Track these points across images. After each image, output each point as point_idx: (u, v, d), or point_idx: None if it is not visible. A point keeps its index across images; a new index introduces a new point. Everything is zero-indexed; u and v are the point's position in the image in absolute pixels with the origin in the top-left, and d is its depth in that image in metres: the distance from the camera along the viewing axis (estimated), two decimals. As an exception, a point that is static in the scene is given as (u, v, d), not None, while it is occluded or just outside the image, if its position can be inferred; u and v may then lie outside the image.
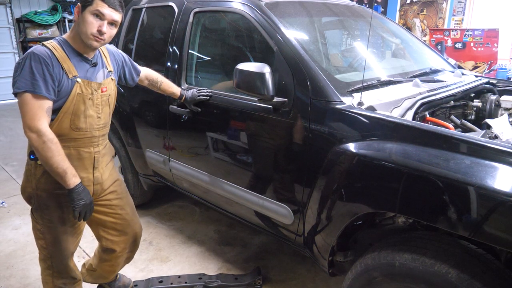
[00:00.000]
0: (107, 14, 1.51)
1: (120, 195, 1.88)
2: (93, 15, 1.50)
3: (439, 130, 1.41)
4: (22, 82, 1.44)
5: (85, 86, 1.58)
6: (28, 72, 1.44)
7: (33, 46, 1.51)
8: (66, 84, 1.52)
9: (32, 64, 1.45)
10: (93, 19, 1.50)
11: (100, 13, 1.50)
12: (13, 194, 3.57)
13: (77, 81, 1.55)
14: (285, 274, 2.41)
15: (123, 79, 1.91)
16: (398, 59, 2.63)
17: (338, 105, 1.64)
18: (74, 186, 1.54)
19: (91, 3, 1.50)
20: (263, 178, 1.99)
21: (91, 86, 1.60)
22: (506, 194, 1.12)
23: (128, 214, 1.92)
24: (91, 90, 1.60)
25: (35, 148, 1.48)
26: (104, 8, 1.50)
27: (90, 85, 1.60)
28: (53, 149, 1.47)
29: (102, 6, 1.50)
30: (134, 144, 2.79)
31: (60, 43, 1.55)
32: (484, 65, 5.20)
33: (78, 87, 1.55)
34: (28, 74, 1.44)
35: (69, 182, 1.52)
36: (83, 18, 1.51)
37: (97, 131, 1.67)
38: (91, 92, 1.60)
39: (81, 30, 1.52)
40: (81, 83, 1.56)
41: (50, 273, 1.78)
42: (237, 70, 1.76)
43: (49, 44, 1.52)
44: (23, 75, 1.44)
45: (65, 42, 1.56)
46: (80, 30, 1.52)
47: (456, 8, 6.62)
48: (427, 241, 1.37)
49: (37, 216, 1.67)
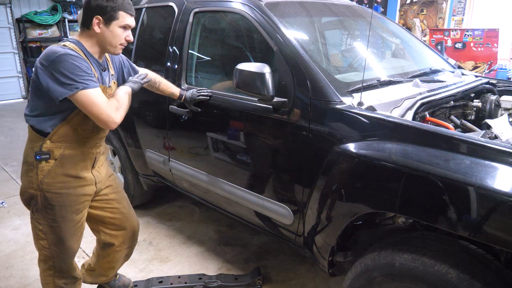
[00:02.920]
0: (132, 24, 1.60)
1: (116, 189, 1.90)
2: (121, 28, 1.55)
3: (439, 130, 1.41)
4: (73, 82, 1.42)
5: (103, 91, 1.58)
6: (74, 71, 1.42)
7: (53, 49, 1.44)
8: None
9: (72, 63, 1.43)
10: (121, 32, 1.57)
11: (128, 26, 1.58)
12: (13, 194, 3.57)
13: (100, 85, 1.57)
14: (285, 274, 2.41)
15: (121, 81, 1.89)
16: (398, 59, 2.63)
17: (338, 105, 1.64)
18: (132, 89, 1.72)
19: (117, 17, 1.54)
20: (263, 178, 1.99)
21: (106, 91, 1.62)
22: (506, 194, 1.12)
23: (125, 208, 1.93)
24: (106, 96, 1.60)
25: None
26: (130, 19, 1.58)
27: (106, 90, 1.62)
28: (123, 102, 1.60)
29: (128, 18, 1.57)
30: (134, 144, 2.79)
31: (78, 45, 1.54)
32: (484, 65, 5.20)
33: None
34: (75, 72, 1.42)
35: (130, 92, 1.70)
36: (111, 31, 1.55)
37: (101, 133, 1.70)
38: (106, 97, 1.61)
39: (108, 42, 1.56)
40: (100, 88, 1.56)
41: (51, 274, 1.78)
42: (237, 70, 1.76)
43: (70, 45, 1.50)
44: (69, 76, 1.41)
45: (81, 45, 1.56)
46: (106, 41, 1.56)
47: (456, 8, 6.63)
48: (427, 241, 1.37)
49: (39, 217, 1.67)
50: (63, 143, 1.59)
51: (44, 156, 1.57)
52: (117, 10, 1.53)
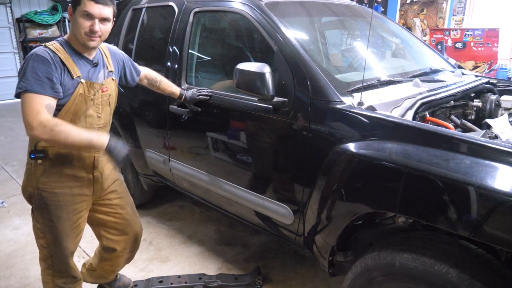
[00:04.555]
0: (96, 13, 1.48)
1: (121, 195, 1.89)
2: (83, 16, 1.48)
3: (439, 130, 1.41)
4: (24, 83, 1.44)
5: (88, 87, 1.58)
6: (30, 72, 1.44)
7: (35, 48, 1.51)
8: (69, 84, 1.52)
9: (34, 65, 1.44)
10: (83, 20, 1.48)
11: (89, 13, 1.48)
12: (13, 194, 3.57)
13: (81, 82, 1.55)
14: (285, 274, 2.41)
15: (123, 80, 1.91)
16: (398, 59, 2.63)
17: (338, 105, 1.64)
18: (107, 144, 1.49)
19: (79, 3, 1.48)
20: (263, 178, 1.99)
21: (93, 87, 1.60)
22: (506, 194, 1.12)
23: (129, 214, 1.92)
24: (93, 91, 1.60)
25: (47, 141, 1.46)
26: (92, 7, 1.47)
27: (93, 86, 1.60)
28: (64, 130, 1.42)
29: (89, 4, 1.47)
30: (134, 144, 2.79)
31: (62, 44, 1.55)
32: (484, 65, 5.20)
33: (81, 87, 1.55)
34: (30, 74, 1.44)
35: (100, 144, 1.48)
36: (75, 19, 1.50)
37: (97, 130, 1.67)
38: (93, 93, 1.60)
39: (75, 32, 1.52)
40: (84, 84, 1.56)
41: (51, 273, 1.78)
42: (237, 70, 1.76)
43: (51, 46, 1.51)
44: (25, 76, 1.44)
45: (66, 42, 1.56)
46: (74, 31, 1.52)
47: (456, 8, 6.63)
48: (427, 241, 1.37)
49: (37, 215, 1.67)
50: None
51: (38, 155, 1.58)
52: None
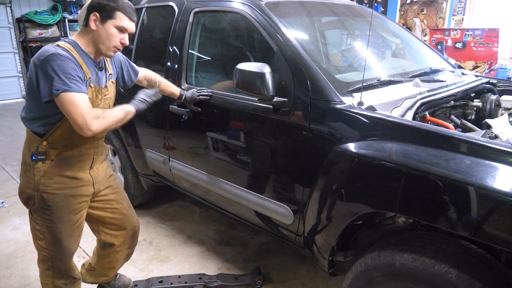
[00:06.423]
0: (129, 28, 1.56)
1: (116, 190, 1.90)
2: (117, 29, 1.53)
3: (439, 130, 1.41)
4: (59, 84, 1.40)
5: (96, 92, 1.58)
6: (61, 73, 1.40)
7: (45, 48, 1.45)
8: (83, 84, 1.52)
9: (62, 64, 1.41)
10: (116, 33, 1.53)
11: (124, 29, 1.55)
12: (13, 194, 3.57)
13: (90, 86, 1.55)
14: (285, 274, 2.41)
15: (121, 81, 1.89)
16: (398, 59, 2.63)
17: (338, 105, 1.64)
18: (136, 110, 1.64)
19: (114, 16, 1.51)
20: (263, 178, 1.99)
21: (101, 92, 1.61)
22: (506, 194, 1.12)
23: (125, 208, 1.93)
24: (101, 96, 1.60)
25: (104, 131, 1.53)
26: (128, 23, 1.55)
27: (101, 91, 1.61)
28: (108, 114, 1.50)
29: (126, 21, 1.54)
30: (134, 144, 2.79)
31: (72, 45, 1.52)
32: (484, 65, 5.20)
33: (90, 91, 1.55)
34: (62, 74, 1.40)
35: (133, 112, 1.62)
36: (106, 30, 1.52)
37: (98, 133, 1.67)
38: (101, 98, 1.61)
39: (101, 41, 1.53)
40: (93, 88, 1.56)
41: (50, 274, 1.78)
42: (237, 70, 1.76)
43: (63, 45, 1.48)
44: (59, 77, 1.40)
45: (76, 44, 1.54)
46: (99, 40, 1.53)
47: (456, 7, 6.62)
48: (427, 241, 1.37)
49: (36, 217, 1.67)
50: (59, 144, 1.58)
51: (40, 157, 1.57)
52: (116, 10, 1.52)
